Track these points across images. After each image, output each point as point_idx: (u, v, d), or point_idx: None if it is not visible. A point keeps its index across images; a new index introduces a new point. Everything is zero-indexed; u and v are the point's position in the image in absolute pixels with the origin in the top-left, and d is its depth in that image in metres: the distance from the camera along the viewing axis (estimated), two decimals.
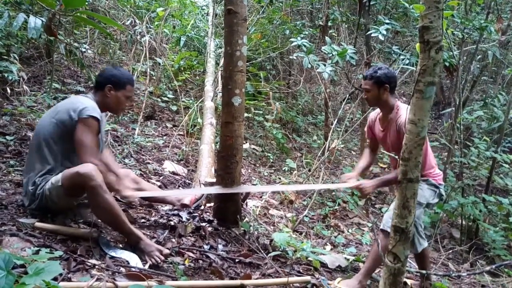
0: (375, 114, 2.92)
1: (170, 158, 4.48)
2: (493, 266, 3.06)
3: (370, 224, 4.49)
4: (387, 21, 3.93)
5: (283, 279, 2.23)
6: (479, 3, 6.13)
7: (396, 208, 1.48)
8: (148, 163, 4.12)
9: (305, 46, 4.28)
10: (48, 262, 1.20)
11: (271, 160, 5.62)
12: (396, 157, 2.82)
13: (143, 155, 4.33)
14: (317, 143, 6.71)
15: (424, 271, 2.82)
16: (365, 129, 3.05)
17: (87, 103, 2.27)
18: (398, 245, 1.48)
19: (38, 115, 4.04)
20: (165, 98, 5.91)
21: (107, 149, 2.77)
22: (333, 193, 5.15)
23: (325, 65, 4.06)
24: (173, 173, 4.10)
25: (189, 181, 3.98)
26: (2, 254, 1.11)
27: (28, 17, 3.68)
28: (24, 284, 1.05)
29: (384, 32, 3.81)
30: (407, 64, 3.87)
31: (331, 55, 3.93)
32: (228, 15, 2.58)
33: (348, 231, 4.23)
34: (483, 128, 6.65)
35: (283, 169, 5.38)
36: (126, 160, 3.95)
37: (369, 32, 4.13)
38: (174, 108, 5.87)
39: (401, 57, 3.96)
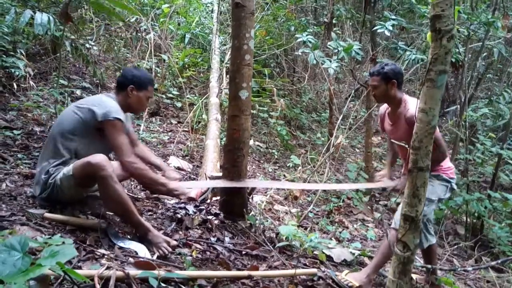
0: (384, 109, 2.92)
1: (175, 154, 4.50)
2: (499, 261, 3.06)
3: (375, 219, 4.50)
4: (393, 17, 3.93)
5: (291, 271, 2.24)
6: (484, 1, 6.12)
7: (406, 197, 1.48)
8: None
9: (310, 42, 4.29)
10: (63, 245, 1.21)
11: (276, 157, 5.63)
12: (406, 146, 2.83)
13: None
14: (321, 140, 6.71)
15: (429, 266, 2.83)
16: (378, 123, 3.05)
17: (111, 105, 2.31)
18: (408, 234, 1.48)
19: (44, 110, 4.06)
20: (170, 95, 5.92)
21: (142, 144, 2.80)
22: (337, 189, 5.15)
23: (330, 61, 4.07)
24: (179, 168, 4.12)
25: (195, 176, 3.99)
26: (17, 237, 1.13)
27: (35, 13, 3.72)
28: (40, 266, 1.06)
29: (390, 28, 3.80)
30: (413, 60, 3.87)
31: (336, 50, 3.93)
32: (236, 8, 2.59)
33: (352, 227, 4.23)
34: (488, 126, 6.64)
35: (288, 165, 5.38)
36: None
37: (375, 28, 4.13)
38: (179, 104, 5.89)
39: (407, 53, 3.96)
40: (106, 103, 2.31)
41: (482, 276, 3.48)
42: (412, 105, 2.59)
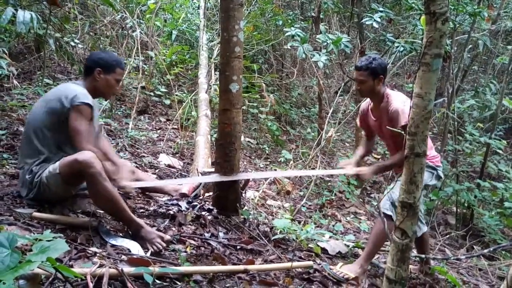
0: (366, 104, 2.92)
1: (165, 152, 4.44)
2: (491, 249, 3.08)
3: (368, 211, 4.51)
4: (380, 8, 3.93)
5: (287, 264, 2.22)
6: None
7: (403, 184, 1.47)
8: (143, 156, 4.07)
9: (299, 36, 4.26)
10: (54, 240, 1.17)
11: (267, 152, 5.60)
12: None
13: (137, 148, 4.28)
14: (311, 135, 6.71)
15: (422, 255, 2.84)
16: (357, 120, 3.05)
17: (77, 90, 2.21)
18: (406, 221, 1.47)
19: (29, 109, 3.96)
20: (158, 92, 5.85)
21: (105, 139, 2.72)
22: (329, 183, 5.16)
23: (319, 54, 4.06)
24: (169, 166, 4.06)
25: (185, 174, 3.94)
26: (5, 233, 1.08)
27: (17, 11, 3.62)
28: (30, 262, 1.01)
29: (378, 20, 3.81)
30: (401, 52, 3.88)
31: (325, 44, 3.92)
32: (224, 0, 2.55)
33: (345, 220, 4.24)
34: (475, 117, 6.73)
35: (279, 160, 5.37)
36: (121, 154, 3.90)
37: (363, 20, 4.13)
38: (167, 102, 5.81)
39: (395, 44, 3.97)
40: (71, 89, 2.21)
41: (474, 264, 3.52)
42: (395, 100, 2.59)
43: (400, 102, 2.54)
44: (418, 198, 1.45)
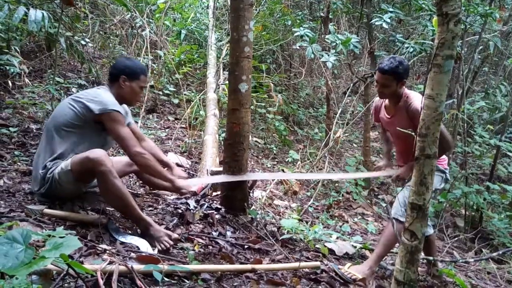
0: (379, 101, 2.90)
1: (173, 150, 4.46)
2: (500, 252, 3.07)
3: (375, 213, 4.49)
4: (390, 9, 3.91)
5: (294, 264, 2.23)
6: None
7: (413, 185, 1.47)
8: None
9: (308, 36, 4.26)
10: (67, 237, 1.19)
11: (274, 152, 5.61)
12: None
13: None
14: (319, 135, 6.70)
15: (430, 258, 2.83)
16: (371, 115, 3.04)
17: (107, 97, 2.28)
18: (415, 223, 1.47)
19: (40, 107, 4.01)
20: (167, 91, 5.88)
21: (150, 140, 2.77)
22: (337, 184, 5.14)
23: (328, 54, 4.05)
24: (177, 164, 4.08)
25: (193, 172, 3.97)
26: (19, 229, 1.10)
27: (29, 10, 3.66)
28: (44, 257, 1.03)
29: (388, 20, 3.79)
30: (411, 52, 3.86)
31: (334, 44, 3.91)
32: (234, 0, 2.56)
33: (352, 221, 4.23)
34: (485, 119, 6.66)
35: (286, 160, 5.37)
36: None
37: (373, 20, 4.11)
38: (176, 101, 5.84)
39: (405, 45, 3.95)
40: (101, 96, 2.27)
41: (483, 267, 3.49)
42: (414, 99, 2.57)
43: (420, 101, 2.53)
44: (428, 200, 1.45)
